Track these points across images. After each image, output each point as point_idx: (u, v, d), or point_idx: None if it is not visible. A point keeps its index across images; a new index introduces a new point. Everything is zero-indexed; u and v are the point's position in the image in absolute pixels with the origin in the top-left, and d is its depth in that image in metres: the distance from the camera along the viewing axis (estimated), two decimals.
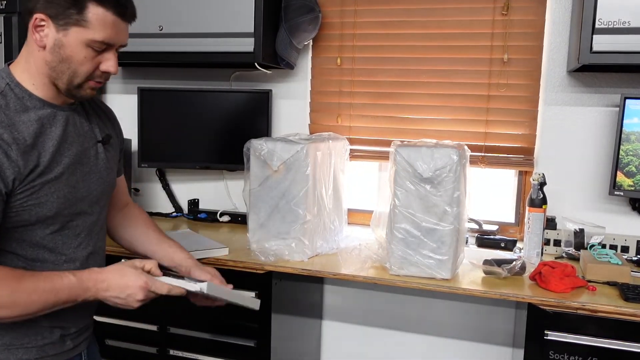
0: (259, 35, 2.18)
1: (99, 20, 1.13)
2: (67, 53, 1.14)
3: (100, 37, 1.14)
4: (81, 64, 1.16)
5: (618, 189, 2.01)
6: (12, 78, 1.16)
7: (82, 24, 1.12)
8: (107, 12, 1.14)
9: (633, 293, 1.63)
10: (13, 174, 1.10)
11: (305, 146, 1.89)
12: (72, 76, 1.16)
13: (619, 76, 2.14)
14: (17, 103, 1.15)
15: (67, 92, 1.19)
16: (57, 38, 1.13)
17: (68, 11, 1.11)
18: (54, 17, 1.12)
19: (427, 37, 2.36)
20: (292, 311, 2.18)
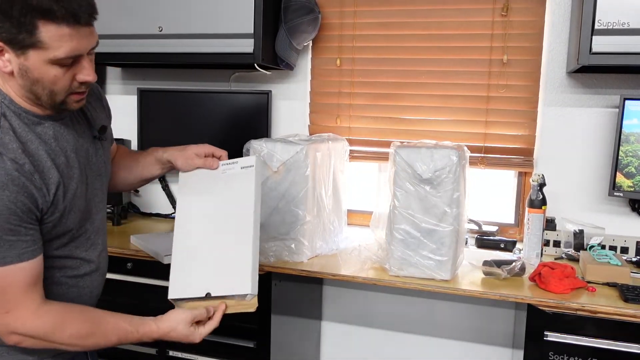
0: (259, 36, 2.18)
1: (54, 38, 1.04)
2: (35, 76, 1.08)
3: (63, 54, 1.07)
4: (54, 83, 1.10)
5: (617, 190, 2.01)
6: (4, 96, 1.12)
7: (39, 45, 1.04)
8: (60, 26, 1.04)
9: (633, 294, 1.63)
10: (44, 201, 1.12)
11: (304, 147, 1.89)
12: (51, 95, 1.12)
13: (618, 77, 2.15)
14: (18, 120, 1.12)
15: (53, 109, 1.16)
16: (20, 63, 1.07)
17: (19, 36, 1.04)
18: (9, 43, 1.05)
19: (427, 38, 2.36)
20: (292, 312, 2.18)
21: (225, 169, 1.43)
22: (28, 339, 1.12)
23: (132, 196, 2.75)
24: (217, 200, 1.38)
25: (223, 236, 1.33)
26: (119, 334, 1.20)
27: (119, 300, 2.06)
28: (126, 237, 2.18)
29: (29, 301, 1.11)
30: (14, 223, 1.07)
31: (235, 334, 1.98)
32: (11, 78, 1.10)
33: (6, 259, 1.07)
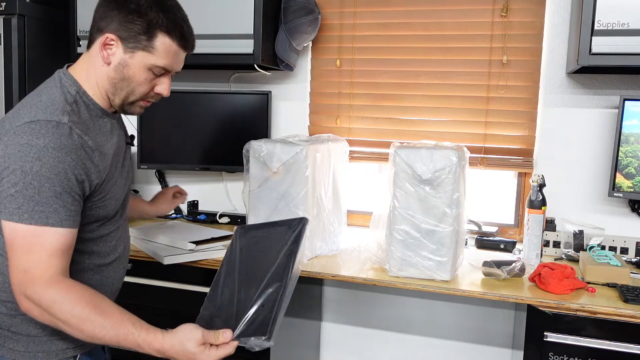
0: (259, 37, 2.18)
1: (164, 49, 1.23)
2: (130, 73, 1.23)
3: (162, 64, 1.24)
4: (140, 84, 1.25)
5: (617, 191, 2.01)
6: (79, 86, 1.24)
7: (149, 50, 1.22)
8: (173, 42, 1.24)
9: (632, 294, 1.63)
10: (97, 178, 1.21)
11: (304, 148, 1.89)
12: (129, 94, 1.26)
13: (618, 78, 2.15)
14: (86, 111, 1.24)
15: (120, 107, 1.29)
16: (123, 58, 1.22)
17: (139, 37, 1.20)
18: (124, 39, 1.20)
19: (427, 38, 2.36)
20: (292, 313, 2.18)
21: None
22: (35, 308, 1.12)
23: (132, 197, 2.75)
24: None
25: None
26: (118, 331, 1.14)
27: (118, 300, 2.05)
28: None
29: (49, 267, 1.13)
30: (67, 188, 1.14)
31: None
32: (103, 69, 1.23)
33: (49, 219, 1.12)
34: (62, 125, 1.14)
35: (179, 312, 2.05)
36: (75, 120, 1.18)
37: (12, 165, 1.11)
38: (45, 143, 1.12)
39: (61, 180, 1.13)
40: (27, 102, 1.21)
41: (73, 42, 2.39)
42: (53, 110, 1.16)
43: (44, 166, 1.11)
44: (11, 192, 1.11)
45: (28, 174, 1.10)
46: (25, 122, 1.14)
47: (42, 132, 1.12)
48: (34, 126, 1.13)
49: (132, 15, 1.19)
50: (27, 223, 1.11)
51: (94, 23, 1.24)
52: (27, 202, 1.11)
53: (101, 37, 1.21)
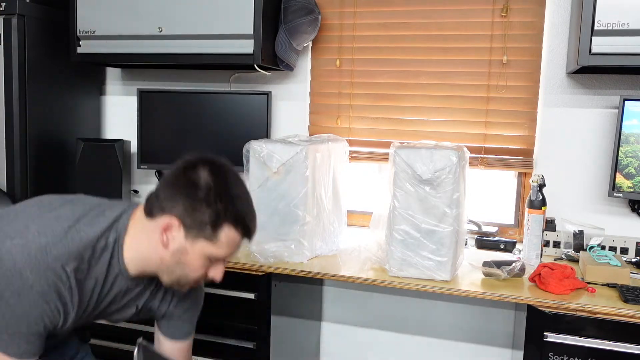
0: (259, 37, 2.18)
1: (227, 240, 1.18)
2: (187, 259, 1.18)
3: (222, 255, 1.20)
4: (194, 271, 1.21)
5: (617, 191, 2.01)
6: (122, 259, 1.20)
7: (212, 240, 1.17)
8: (237, 234, 1.19)
9: (632, 295, 1.63)
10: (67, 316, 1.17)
11: (304, 148, 1.89)
12: (181, 277, 1.22)
13: (618, 78, 2.15)
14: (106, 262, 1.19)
15: (169, 285, 1.24)
16: (184, 245, 1.17)
17: (204, 226, 1.15)
18: (188, 226, 1.16)
19: (427, 38, 2.36)
20: (292, 313, 2.18)
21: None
22: None
23: (132, 197, 2.75)
24: None
25: None
26: None
27: None
28: None
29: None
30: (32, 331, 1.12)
31: (235, 335, 1.98)
32: (158, 249, 1.18)
33: (8, 349, 1.11)
34: (62, 272, 1.12)
35: None
36: (80, 268, 1.15)
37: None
38: (32, 283, 1.09)
39: (29, 323, 1.11)
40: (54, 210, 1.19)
41: (73, 42, 2.39)
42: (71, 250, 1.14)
43: (18, 305, 1.09)
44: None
45: (2, 301, 1.09)
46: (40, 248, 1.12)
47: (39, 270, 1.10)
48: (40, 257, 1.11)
49: (200, 204, 1.15)
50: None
51: (158, 197, 1.19)
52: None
53: (163, 220, 1.17)
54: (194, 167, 1.17)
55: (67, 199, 1.27)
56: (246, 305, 1.94)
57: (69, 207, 1.23)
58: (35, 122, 2.32)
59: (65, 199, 1.27)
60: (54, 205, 1.23)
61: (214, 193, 1.15)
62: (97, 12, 2.35)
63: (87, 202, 1.27)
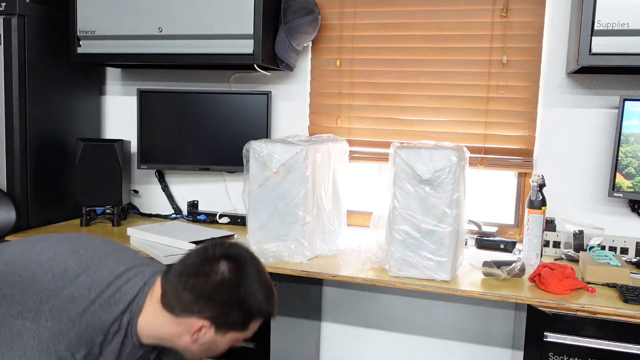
0: (259, 37, 2.19)
1: (254, 327, 1.24)
2: (216, 348, 1.23)
3: (250, 335, 1.25)
4: (219, 351, 1.25)
5: (617, 191, 2.01)
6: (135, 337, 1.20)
7: (241, 330, 1.22)
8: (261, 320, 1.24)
9: (632, 295, 1.63)
10: None
11: (304, 148, 1.89)
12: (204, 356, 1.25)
13: (618, 78, 2.15)
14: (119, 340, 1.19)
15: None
16: (214, 338, 1.20)
17: (236, 325, 1.20)
18: (219, 326, 1.19)
19: (427, 39, 2.36)
20: (292, 313, 2.18)
21: None
22: None
23: (132, 197, 2.75)
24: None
25: None
26: None
27: None
28: (126, 238, 2.18)
29: None
30: None
31: None
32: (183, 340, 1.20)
33: None
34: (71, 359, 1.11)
35: None
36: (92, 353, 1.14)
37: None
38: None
39: None
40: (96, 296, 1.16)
41: (73, 42, 2.39)
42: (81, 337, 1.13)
43: None
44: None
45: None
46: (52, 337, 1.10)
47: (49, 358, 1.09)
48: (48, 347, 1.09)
49: (231, 308, 1.17)
50: None
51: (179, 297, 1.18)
52: None
53: (192, 322, 1.18)
54: (216, 263, 1.18)
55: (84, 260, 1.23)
56: None
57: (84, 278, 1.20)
58: (35, 122, 2.33)
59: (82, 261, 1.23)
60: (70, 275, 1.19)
61: (242, 294, 1.17)
62: (97, 12, 2.35)
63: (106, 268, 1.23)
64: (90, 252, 1.27)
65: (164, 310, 1.20)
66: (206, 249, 1.21)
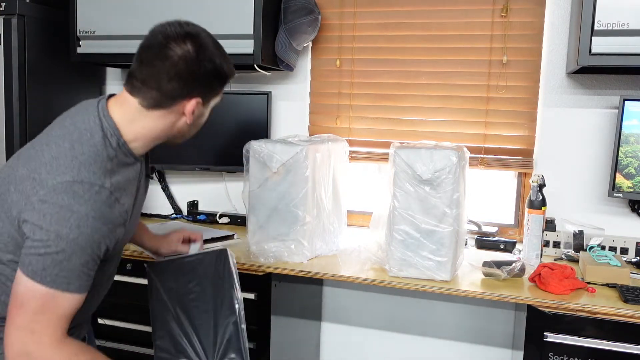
0: (259, 37, 2.18)
1: (222, 90, 1.34)
2: (203, 119, 1.34)
3: (220, 100, 1.35)
4: (203, 122, 1.36)
5: (617, 191, 2.01)
6: (119, 136, 1.21)
7: (218, 94, 1.32)
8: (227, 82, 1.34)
9: (632, 295, 1.63)
10: (120, 237, 1.22)
11: (304, 148, 1.89)
12: (192, 132, 1.35)
13: (618, 78, 2.15)
14: (122, 161, 1.21)
15: (173, 142, 1.34)
16: (201, 110, 1.30)
17: (217, 90, 1.31)
18: (207, 98, 1.29)
19: (427, 39, 2.36)
20: (292, 313, 2.18)
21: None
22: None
23: None
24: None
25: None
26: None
27: (119, 301, 2.06)
28: None
29: (57, 329, 1.12)
30: (94, 256, 1.13)
31: None
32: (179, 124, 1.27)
33: (70, 286, 1.11)
34: (104, 191, 1.13)
35: None
36: (115, 182, 1.17)
37: (47, 226, 1.08)
38: (87, 211, 1.10)
39: (93, 249, 1.12)
40: (66, 148, 1.15)
41: (73, 42, 2.39)
42: (95, 169, 1.14)
43: (81, 235, 1.09)
44: (40, 252, 1.09)
45: (63, 239, 1.08)
46: (68, 181, 1.11)
47: (85, 197, 1.10)
48: (77, 188, 1.10)
49: (212, 79, 1.27)
50: (48, 286, 1.09)
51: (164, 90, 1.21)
52: (54, 267, 1.09)
53: (185, 103, 1.24)
54: (183, 44, 1.24)
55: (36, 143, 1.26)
56: (246, 305, 1.93)
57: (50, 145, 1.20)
58: (35, 122, 2.32)
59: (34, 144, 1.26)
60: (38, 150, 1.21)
61: (218, 63, 1.26)
62: (97, 12, 2.35)
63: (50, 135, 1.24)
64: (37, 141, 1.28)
65: (152, 111, 1.23)
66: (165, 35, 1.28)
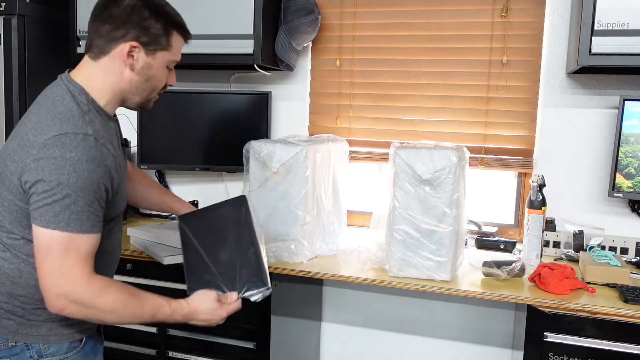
0: (259, 37, 2.18)
1: (177, 45, 1.37)
2: (152, 73, 1.35)
3: (177, 58, 1.38)
4: (159, 81, 1.38)
5: (617, 191, 2.01)
6: (87, 94, 1.30)
7: (167, 49, 1.34)
8: (181, 37, 1.38)
9: (632, 295, 1.63)
10: (116, 181, 1.31)
11: (304, 148, 1.89)
12: (150, 92, 1.38)
13: (618, 78, 2.15)
14: (98, 117, 1.30)
15: (138, 105, 1.40)
16: (147, 61, 1.32)
17: (160, 38, 1.32)
18: (146, 44, 1.31)
19: (427, 39, 2.36)
20: (292, 313, 2.18)
21: None
22: (72, 305, 1.22)
23: None
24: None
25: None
26: (153, 306, 1.31)
27: None
28: (126, 238, 2.18)
29: (85, 268, 1.23)
30: (97, 197, 1.23)
31: (235, 335, 1.98)
32: (124, 74, 1.32)
33: (82, 227, 1.22)
34: (88, 137, 1.22)
35: None
36: (96, 130, 1.25)
37: (48, 177, 1.18)
38: (79, 156, 1.19)
39: (94, 190, 1.22)
40: (44, 113, 1.25)
41: (73, 42, 2.39)
42: (75, 122, 1.23)
43: (79, 178, 1.19)
44: (47, 201, 1.18)
45: (65, 185, 1.18)
46: (54, 135, 1.20)
47: (73, 145, 1.20)
48: (65, 139, 1.20)
49: (150, 21, 1.29)
50: (64, 230, 1.19)
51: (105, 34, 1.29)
52: (64, 211, 1.19)
53: (121, 47, 1.29)
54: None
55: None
56: (246, 305, 1.94)
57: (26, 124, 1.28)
58: None
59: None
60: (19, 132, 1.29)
61: (154, 8, 1.30)
62: None
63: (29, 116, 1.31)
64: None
65: (98, 60, 1.31)
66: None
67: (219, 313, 1.40)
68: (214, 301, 1.40)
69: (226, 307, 1.42)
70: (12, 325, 1.31)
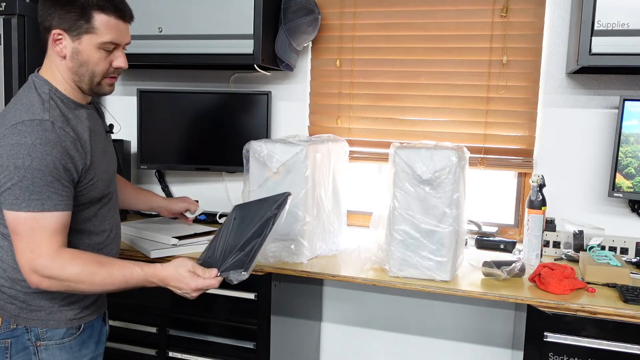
0: (259, 37, 2.18)
1: (104, 25, 1.35)
2: (84, 57, 1.37)
3: (108, 39, 1.36)
4: (96, 64, 1.38)
5: (617, 191, 2.01)
6: (50, 85, 1.38)
7: (92, 31, 1.35)
8: (109, 17, 1.36)
9: (632, 295, 1.63)
10: (82, 164, 1.36)
11: (304, 148, 1.89)
12: (91, 76, 1.39)
13: (618, 78, 2.15)
14: (62, 105, 1.37)
15: (90, 91, 1.42)
16: (74, 47, 1.36)
17: (78, 22, 1.33)
18: (68, 30, 1.34)
19: (427, 39, 2.36)
20: (292, 313, 2.18)
21: None
22: (45, 280, 1.30)
23: None
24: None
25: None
26: (124, 272, 1.34)
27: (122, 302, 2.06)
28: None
29: (52, 244, 1.30)
30: (56, 177, 1.30)
31: (235, 335, 1.98)
32: (62, 62, 1.37)
33: (44, 205, 1.29)
34: (44, 122, 1.30)
35: (170, 305, 2.06)
36: (55, 115, 1.32)
37: (6, 162, 1.27)
38: (32, 140, 1.27)
39: (50, 170, 1.28)
40: (10, 107, 1.35)
41: None
42: (34, 110, 1.31)
43: (34, 160, 1.27)
44: (8, 185, 1.28)
45: (21, 168, 1.27)
46: (12, 125, 1.29)
47: (27, 131, 1.28)
48: (21, 127, 1.28)
49: (67, 7, 1.33)
50: (26, 210, 1.28)
51: (41, 25, 1.38)
52: (24, 193, 1.28)
53: (49, 35, 1.36)
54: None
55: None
56: (246, 305, 1.94)
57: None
58: None
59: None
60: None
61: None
62: None
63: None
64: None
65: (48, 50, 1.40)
66: None
67: (188, 282, 1.38)
68: (186, 270, 1.40)
69: (198, 279, 1.39)
70: (14, 309, 1.39)
